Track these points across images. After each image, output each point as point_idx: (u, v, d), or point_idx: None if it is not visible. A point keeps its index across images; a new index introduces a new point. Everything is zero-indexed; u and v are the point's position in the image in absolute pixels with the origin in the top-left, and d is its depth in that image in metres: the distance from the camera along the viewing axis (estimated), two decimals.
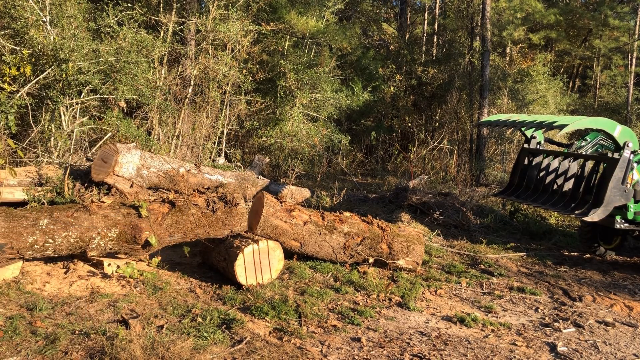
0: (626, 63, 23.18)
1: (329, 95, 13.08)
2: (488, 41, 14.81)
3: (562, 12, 19.93)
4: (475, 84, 15.39)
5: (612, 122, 6.14)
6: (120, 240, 4.43)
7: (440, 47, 20.52)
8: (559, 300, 5.15)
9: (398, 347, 3.76)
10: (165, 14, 10.53)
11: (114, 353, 3.19)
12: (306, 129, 12.69)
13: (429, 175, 12.02)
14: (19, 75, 6.96)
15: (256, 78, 11.98)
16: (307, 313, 4.18)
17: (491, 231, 8.08)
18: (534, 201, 6.88)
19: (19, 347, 3.23)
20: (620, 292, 5.52)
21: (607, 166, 6.08)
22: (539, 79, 17.28)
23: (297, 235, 5.07)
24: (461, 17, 18.03)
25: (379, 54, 18.11)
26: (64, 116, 7.58)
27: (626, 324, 4.59)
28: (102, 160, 5.52)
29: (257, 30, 11.69)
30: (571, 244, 7.61)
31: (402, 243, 5.48)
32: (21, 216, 4.14)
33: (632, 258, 7.14)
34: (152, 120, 9.23)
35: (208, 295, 4.53)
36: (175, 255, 5.36)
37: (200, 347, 3.45)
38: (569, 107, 19.00)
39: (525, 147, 7.32)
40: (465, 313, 4.55)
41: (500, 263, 6.38)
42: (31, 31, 7.37)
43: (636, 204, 6.36)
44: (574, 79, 25.77)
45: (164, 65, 10.12)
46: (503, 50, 19.93)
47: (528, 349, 3.90)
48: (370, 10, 22.45)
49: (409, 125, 17.00)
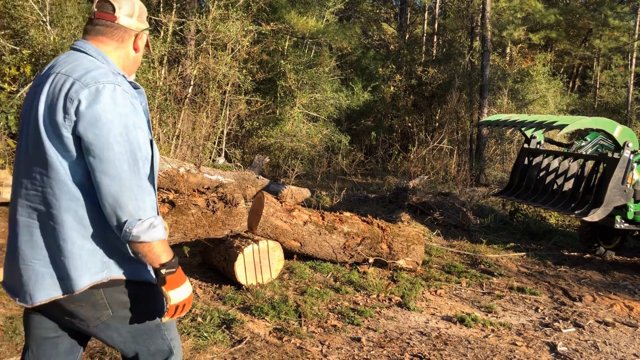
0: (626, 63, 23.18)
1: (329, 95, 13.08)
2: (488, 41, 14.81)
3: (562, 12, 19.94)
4: (475, 84, 15.39)
5: (612, 122, 6.14)
6: None
7: (440, 47, 20.52)
8: (559, 300, 5.16)
9: (398, 347, 3.76)
10: (165, 14, 10.53)
11: (114, 353, 3.19)
12: (306, 129, 12.69)
13: (429, 175, 12.03)
14: (19, 75, 6.96)
15: (256, 78, 11.98)
16: (307, 313, 4.18)
17: (491, 231, 8.08)
18: (534, 201, 6.88)
19: (19, 347, 3.23)
20: (620, 292, 5.52)
21: (607, 166, 6.08)
22: (539, 79, 17.28)
23: (297, 235, 5.07)
24: (461, 17, 18.04)
25: (379, 54, 18.11)
26: None
27: (626, 324, 4.59)
28: None
29: (257, 30, 11.69)
30: (571, 244, 7.61)
31: (402, 243, 5.48)
32: None
33: (632, 258, 7.14)
34: (152, 120, 9.23)
35: (208, 295, 4.53)
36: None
37: (200, 346, 3.45)
38: (569, 107, 19.00)
39: (525, 147, 7.32)
40: (465, 313, 4.55)
41: (500, 263, 6.38)
42: (31, 31, 7.37)
43: (636, 204, 6.36)
44: (574, 79, 25.78)
45: (164, 65, 10.12)
46: (503, 50, 19.93)
47: (528, 349, 3.90)
48: (370, 10, 22.46)
49: (409, 125, 17.00)
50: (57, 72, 1.63)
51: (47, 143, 1.58)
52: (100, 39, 1.73)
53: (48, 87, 1.61)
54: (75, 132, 1.56)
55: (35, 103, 1.63)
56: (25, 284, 1.65)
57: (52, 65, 1.70)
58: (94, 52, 1.71)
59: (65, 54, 1.73)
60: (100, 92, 1.56)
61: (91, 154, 1.55)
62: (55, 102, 1.57)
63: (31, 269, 1.64)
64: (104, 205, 1.57)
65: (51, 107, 1.58)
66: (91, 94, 1.56)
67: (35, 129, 1.61)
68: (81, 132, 1.55)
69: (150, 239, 1.59)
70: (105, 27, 1.73)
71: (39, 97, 1.62)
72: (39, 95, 1.62)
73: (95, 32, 1.73)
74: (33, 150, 1.62)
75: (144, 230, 1.57)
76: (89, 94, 1.55)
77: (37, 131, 1.60)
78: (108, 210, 1.57)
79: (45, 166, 1.59)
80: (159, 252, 1.63)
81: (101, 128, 1.54)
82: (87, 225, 1.63)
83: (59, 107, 1.56)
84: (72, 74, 1.60)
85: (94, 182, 1.58)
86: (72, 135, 1.56)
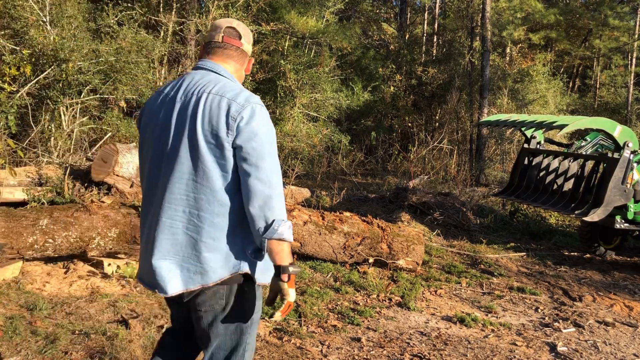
0: (626, 63, 23.18)
1: (329, 95, 13.07)
2: (488, 41, 14.80)
3: (562, 12, 19.93)
4: (475, 84, 15.39)
5: (612, 122, 6.14)
6: (120, 240, 4.43)
7: (440, 47, 20.51)
8: (559, 300, 5.16)
9: (398, 347, 3.76)
10: (165, 14, 10.54)
11: (114, 353, 3.19)
12: (306, 129, 12.69)
13: (429, 175, 12.02)
14: (19, 75, 6.96)
15: (256, 78, 11.98)
16: (307, 313, 4.18)
17: (491, 231, 8.08)
18: (534, 201, 6.88)
19: (19, 347, 3.23)
20: (620, 292, 5.52)
21: (607, 166, 6.08)
22: (539, 79, 17.27)
23: (297, 235, 5.07)
24: (461, 17, 18.03)
25: (379, 54, 18.10)
26: (64, 116, 7.58)
27: (626, 324, 4.59)
28: (102, 160, 5.52)
29: (257, 30, 11.69)
30: (571, 244, 7.61)
31: (402, 243, 5.48)
32: (21, 216, 4.14)
33: (632, 258, 7.14)
34: None
35: None
36: None
37: None
38: (569, 107, 18.99)
39: (525, 147, 7.32)
40: (465, 313, 4.55)
41: (500, 263, 6.38)
42: (31, 31, 7.37)
43: (636, 204, 6.36)
44: (574, 79, 25.77)
45: (164, 65, 10.12)
46: (503, 50, 19.93)
47: (528, 349, 3.90)
48: (370, 10, 22.45)
49: (409, 125, 16.99)
50: (207, 92, 1.85)
51: (206, 155, 1.81)
52: (227, 61, 1.99)
53: (204, 106, 1.82)
54: (234, 144, 1.80)
55: (188, 118, 1.84)
56: (164, 276, 1.87)
57: (187, 85, 1.91)
58: (226, 74, 1.95)
59: (198, 73, 1.94)
60: (254, 111, 1.83)
61: (248, 163, 1.79)
62: (217, 119, 1.80)
63: (171, 264, 1.87)
64: (254, 206, 1.80)
65: (212, 124, 1.80)
66: (248, 113, 1.81)
67: (192, 143, 1.82)
68: (241, 145, 1.79)
69: (289, 238, 1.83)
70: (232, 51, 1.99)
71: (195, 114, 1.83)
72: (195, 113, 1.83)
73: (223, 55, 1.98)
74: (185, 160, 1.83)
75: (286, 229, 1.82)
76: (246, 113, 1.81)
77: (195, 144, 1.81)
78: (257, 211, 1.80)
79: (201, 175, 1.82)
80: (288, 250, 1.85)
81: (258, 141, 1.80)
82: (229, 227, 1.86)
83: (222, 124, 1.79)
84: (224, 94, 1.84)
85: (246, 187, 1.81)
86: (232, 148, 1.80)
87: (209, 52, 1.99)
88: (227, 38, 1.98)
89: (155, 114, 1.96)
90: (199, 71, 1.96)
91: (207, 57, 1.99)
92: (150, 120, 1.98)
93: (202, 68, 1.97)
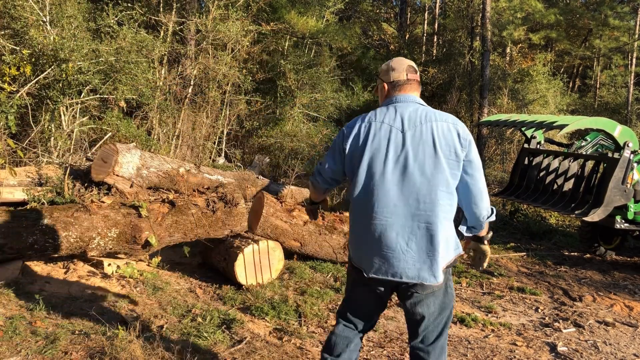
0: (626, 63, 23.17)
1: (329, 95, 13.07)
2: (488, 41, 14.80)
3: (562, 12, 19.91)
4: (475, 83, 15.39)
5: (612, 122, 6.14)
6: (120, 240, 4.43)
7: (440, 47, 20.50)
8: (559, 300, 5.15)
9: (398, 347, 3.76)
10: (165, 14, 10.53)
11: (114, 353, 3.19)
12: (306, 129, 12.67)
13: None
14: (19, 75, 6.95)
15: (256, 78, 11.97)
16: (307, 313, 4.18)
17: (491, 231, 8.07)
18: (534, 201, 6.88)
19: (19, 347, 3.23)
20: (620, 292, 5.52)
21: (607, 166, 6.08)
22: (539, 79, 17.26)
23: (297, 235, 5.07)
24: (461, 17, 18.02)
25: (379, 54, 18.09)
26: (64, 116, 7.57)
27: (626, 324, 4.59)
28: (102, 160, 5.52)
29: (257, 30, 11.68)
30: (571, 244, 7.61)
31: None
32: (21, 216, 4.14)
33: (632, 258, 7.14)
34: (152, 120, 9.22)
35: (208, 295, 4.53)
36: (175, 255, 5.36)
37: (200, 347, 3.45)
38: (569, 107, 18.98)
39: (525, 147, 7.32)
40: (465, 313, 4.55)
41: (500, 263, 6.38)
42: (31, 31, 7.36)
43: (636, 204, 6.36)
44: (574, 79, 25.76)
45: (164, 65, 10.11)
46: (503, 50, 19.92)
47: (528, 349, 3.90)
48: (370, 10, 22.44)
49: None
50: (432, 120, 2.32)
51: (446, 167, 2.27)
52: (416, 92, 2.50)
53: (437, 131, 2.30)
54: (464, 157, 2.32)
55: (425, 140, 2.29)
56: (396, 266, 2.27)
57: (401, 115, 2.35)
58: (423, 103, 2.45)
59: (411, 107, 2.38)
60: (465, 129, 2.36)
61: (471, 168, 2.34)
62: (452, 140, 2.30)
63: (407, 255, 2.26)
64: (476, 200, 2.39)
65: (449, 144, 2.29)
66: (467, 132, 2.36)
67: (433, 159, 2.27)
68: (469, 156, 2.33)
69: (494, 218, 2.51)
70: (417, 84, 2.51)
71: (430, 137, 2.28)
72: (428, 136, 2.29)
73: (412, 89, 2.48)
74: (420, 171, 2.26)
75: (493, 214, 2.49)
76: (466, 133, 2.35)
77: (437, 159, 2.27)
78: (478, 203, 2.39)
79: (441, 182, 2.26)
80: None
81: (475, 152, 2.36)
82: (452, 220, 2.36)
83: (456, 143, 2.30)
84: (446, 120, 2.34)
85: (468, 186, 2.36)
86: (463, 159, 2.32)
87: (404, 89, 2.47)
88: (413, 75, 2.49)
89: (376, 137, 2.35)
90: (408, 103, 2.41)
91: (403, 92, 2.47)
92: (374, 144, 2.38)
93: (410, 101, 2.43)
